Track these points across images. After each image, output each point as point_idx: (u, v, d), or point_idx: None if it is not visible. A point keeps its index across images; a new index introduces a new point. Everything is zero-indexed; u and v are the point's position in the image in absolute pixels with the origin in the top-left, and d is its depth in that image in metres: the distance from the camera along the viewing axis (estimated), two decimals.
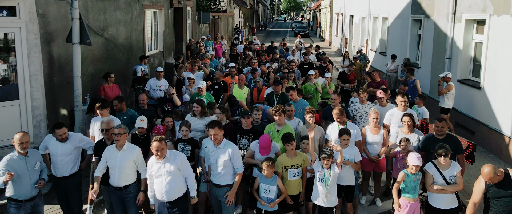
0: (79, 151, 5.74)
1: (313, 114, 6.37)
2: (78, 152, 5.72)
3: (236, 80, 9.67)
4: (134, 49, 11.86)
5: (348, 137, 5.75)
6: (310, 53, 15.23)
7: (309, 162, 5.52)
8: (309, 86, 9.85)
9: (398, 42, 15.37)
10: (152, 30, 13.99)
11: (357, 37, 22.98)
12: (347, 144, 5.76)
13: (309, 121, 6.38)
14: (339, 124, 6.36)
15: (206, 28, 23.30)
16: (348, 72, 11.40)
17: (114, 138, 5.16)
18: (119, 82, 10.76)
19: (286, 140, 5.45)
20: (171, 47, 16.09)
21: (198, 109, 6.75)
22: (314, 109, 6.51)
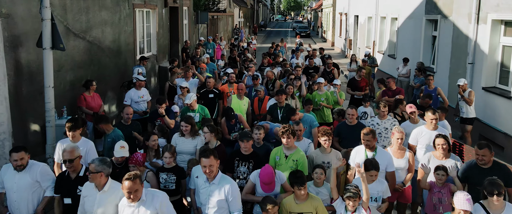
0: (41, 189, 4.64)
1: (329, 137, 5.27)
2: (40, 189, 4.62)
3: (234, 89, 8.59)
4: (123, 53, 10.78)
5: (376, 173, 4.66)
6: (315, 56, 14.15)
7: (324, 211, 4.40)
8: (317, 95, 8.77)
9: (410, 44, 14.28)
10: (144, 31, 12.90)
11: (363, 38, 21.89)
12: (374, 179, 4.67)
13: (325, 146, 5.28)
14: (367, 149, 5.21)
15: (204, 28, 22.22)
16: (358, 78, 10.31)
17: (88, 176, 4.07)
18: (106, 90, 9.68)
19: (298, 182, 4.30)
20: (166, 50, 15.01)
21: (187, 129, 5.66)
22: (329, 130, 5.39)
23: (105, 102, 9.70)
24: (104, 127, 5.96)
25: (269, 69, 12.13)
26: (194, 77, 9.65)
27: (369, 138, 5.08)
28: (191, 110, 7.30)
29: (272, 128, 6.61)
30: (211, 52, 18.22)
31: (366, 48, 20.81)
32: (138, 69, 10.67)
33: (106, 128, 5.97)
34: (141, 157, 4.86)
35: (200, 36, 19.77)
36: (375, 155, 5.08)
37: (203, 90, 8.68)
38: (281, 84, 9.63)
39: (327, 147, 5.28)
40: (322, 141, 5.26)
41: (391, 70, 16.05)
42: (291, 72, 9.75)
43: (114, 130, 6.00)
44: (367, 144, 5.13)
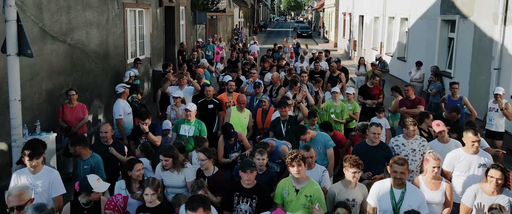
0: None
1: (359, 170, 4.20)
2: None
3: (234, 99, 7.62)
4: (111, 57, 9.79)
5: None
6: (321, 59, 13.17)
7: None
8: (332, 105, 7.79)
9: (422, 46, 13.30)
10: (136, 33, 11.92)
11: (368, 39, 20.91)
12: None
13: (353, 180, 4.25)
14: (395, 186, 4.15)
15: (202, 29, 21.24)
16: (370, 85, 9.31)
17: None
18: (92, 98, 8.71)
19: None
20: (161, 52, 14.02)
21: (167, 163, 4.59)
22: (359, 160, 4.24)
23: (92, 112, 8.73)
24: (81, 152, 4.96)
25: (269, 74, 11.20)
26: (189, 84, 8.66)
27: (403, 170, 4.05)
28: (187, 122, 6.32)
29: (278, 146, 5.65)
30: (210, 54, 17.25)
31: (372, 49, 19.85)
32: (130, 72, 9.71)
33: (83, 153, 4.97)
34: (122, 201, 3.83)
35: (198, 37, 18.79)
36: (404, 193, 4.09)
37: (201, 100, 7.69)
38: (286, 91, 8.64)
39: (355, 181, 4.27)
40: (350, 174, 4.20)
41: (400, 73, 15.08)
42: (296, 79, 8.73)
43: (92, 155, 5.01)
44: (397, 178, 4.10)
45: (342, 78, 10.96)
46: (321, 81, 9.60)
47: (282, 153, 5.48)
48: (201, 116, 7.64)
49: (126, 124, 7.27)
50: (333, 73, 11.07)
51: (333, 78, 10.89)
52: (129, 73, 9.67)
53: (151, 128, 6.06)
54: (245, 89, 8.48)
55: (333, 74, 11.02)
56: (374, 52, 19.51)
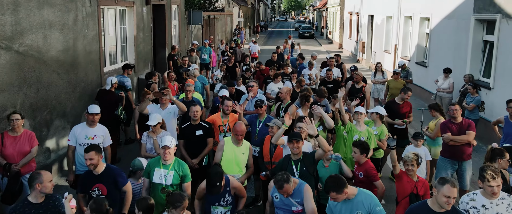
0: None
1: None
2: None
3: (230, 122, 5.88)
4: (80, 65, 8.02)
5: None
6: (332, 66, 11.39)
7: None
8: (355, 131, 6.03)
9: (449, 50, 11.53)
10: (117, 35, 10.15)
11: (379, 41, 19.14)
12: None
13: None
14: None
15: (198, 30, 19.47)
16: (399, 102, 7.51)
17: None
18: (51, 119, 6.95)
19: None
20: (148, 57, 12.24)
21: None
22: None
23: (52, 136, 6.97)
24: None
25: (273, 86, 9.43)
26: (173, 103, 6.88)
27: None
28: (163, 165, 4.55)
29: (301, 184, 4.01)
30: (207, 58, 15.47)
31: (384, 52, 18.08)
32: (112, 78, 7.97)
33: None
34: None
35: (193, 40, 17.01)
36: None
37: (186, 125, 5.93)
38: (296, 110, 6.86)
39: None
40: None
41: (420, 80, 13.30)
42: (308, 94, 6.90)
43: None
44: None
45: (366, 92, 9.12)
46: (325, 93, 7.81)
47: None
48: (186, 146, 5.88)
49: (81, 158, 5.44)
50: (356, 83, 9.21)
51: (355, 91, 9.05)
52: (110, 79, 7.98)
53: (113, 175, 4.31)
54: (244, 107, 6.67)
55: (356, 86, 9.17)
56: (386, 55, 17.77)
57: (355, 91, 8.92)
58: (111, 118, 7.80)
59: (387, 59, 17.52)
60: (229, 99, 6.28)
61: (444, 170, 6.27)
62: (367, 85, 9.17)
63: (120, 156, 7.98)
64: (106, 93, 7.97)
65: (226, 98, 6.40)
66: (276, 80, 9.67)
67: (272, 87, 9.63)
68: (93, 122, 5.47)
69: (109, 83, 7.96)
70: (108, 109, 7.74)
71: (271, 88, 9.63)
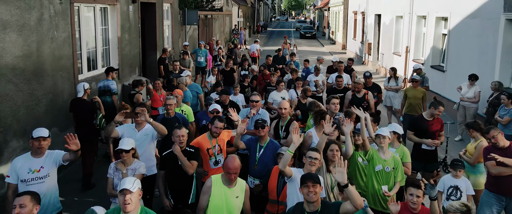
0: None
1: None
2: None
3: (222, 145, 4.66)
4: (48, 74, 6.77)
5: None
6: (341, 71, 10.13)
7: None
8: (377, 157, 4.80)
9: (472, 54, 10.28)
10: (97, 37, 8.90)
11: (388, 42, 17.89)
12: None
13: None
14: None
15: (194, 31, 18.21)
16: (428, 118, 6.21)
17: None
18: (6, 139, 5.68)
19: None
20: (136, 61, 10.99)
21: None
22: None
23: (7, 162, 5.71)
24: None
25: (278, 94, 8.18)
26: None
27: None
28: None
29: None
30: (203, 61, 14.21)
31: (394, 55, 16.83)
32: (84, 84, 6.80)
33: None
34: None
35: (186, 41, 15.75)
36: None
37: (169, 152, 4.68)
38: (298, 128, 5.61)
39: None
40: None
41: (437, 86, 12.04)
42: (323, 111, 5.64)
43: None
44: None
45: (369, 100, 7.82)
46: (354, 114, 6.58)
47: None
48: (169, 180, 4.64)
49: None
50: (357, 92, 7.94)
51: (357, 101, 7.76)
52: (82, 86, 6.91)
53: None
54: (243, 128, 5.25)
55: (357, 95, 7.90)
56: (396, 58, 16.52)
57: (357, 102, 7.64)
58: (89, 129, 6.77)
59: (397, 62, 16.25)
60: (221, 120, 5.02)
61: (489, 207, 5.03)
62: (369, 93, 7.88)
63: (98, 178, 6.72)
64: (79, 102, 6.85)
65: (217, 117, 5.13)
66: (279, 87, 8.41)
67: (274, 96, 8.38)
68: (40, 149, 4.19)
69: (82, 90, 6.86)
70: (85, 120, 6.80)
71: (274, 97, 8.38)
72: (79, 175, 6.88)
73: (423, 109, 8.77)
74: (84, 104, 6.85)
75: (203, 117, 6.51)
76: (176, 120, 5.90)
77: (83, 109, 6.83)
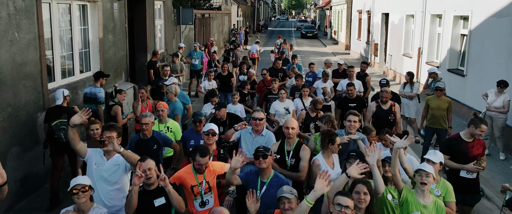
0: None
1: None
2: None
3: (211, 181, 3.58)
4: (6, 83, 5.63)
5: None
6: (352, 77, 8.99)
7: None
8: (415, 202, 3.68)
9: (499, 57, 9.14)
10: (74, 38, 7.76)
11: (396, 43, 16.76)
12: None
13: None
14: None
15: (190, 31, 17.06)
16: (467, 139, 5.01)
17: None
18: None
19: None
20: (122, 65, 9.85)
21: None
22: None
23: None
24: None
25: (281, 105, 7.07)
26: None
27: None
28: None
29: None
30: (198, 64, 13.07)
31: (403, 56, 15.70)
32: (64, 90, 5.78)
33: None
34: None
35: (181, 42, 14.61)
36: None
37: (141, 190, 3.56)
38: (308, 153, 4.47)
39: None
40: None
41: (454, 92, 10.91)
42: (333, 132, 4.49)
43: None
44: None
45: (396, 113, 6.66)
46: (373, 131, 5.46)
47: None
48: None
49: None
50: (383, 103, 6.77)
51: (384, 115, 6.66)
52: (61, 92, 6.03)
53: None
54: (240, 162, 4.05)
55: (383, 106, 6.74)
56: (406, 60, 15.40)
57: (383, 115, 6.51)
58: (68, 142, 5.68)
59: (408, 64, 15.15)
60: (203, 154, 3.83)
61: None
62: (396, 105, 6.76)
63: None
64: (59, 111, 5.85)
65: (198, 150, 3.90)
66: (281, 96, 7.27)
67: (277, 107, 7.27)
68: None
69: (61, 97, 5.97)
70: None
71: (276, 108, 7.27)
72: None
73: (448, 122, 7.65)
74: (63, 111, 5.83)
75: (191, 137, 5.38)
76: (154, 141, 4.79)
77: (54, 114, 5.81)
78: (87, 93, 7.09)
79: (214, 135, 4.52)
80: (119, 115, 6.61)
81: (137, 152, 4.10)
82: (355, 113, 5.10)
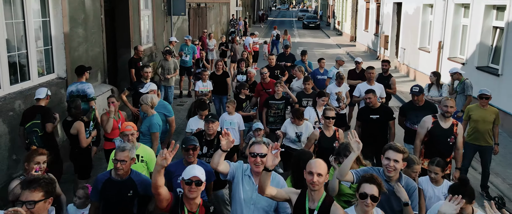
0: None
1: None
2: None
3: None
4: None
5: None
6: (373, 80, 7.44)
7: None
8: None
9: None
10: (29, 34, 6.23)
11: (411, 36, 15.19)
12: None
13: None
14: None
15: (184, 22, 15.47)
16: None
17: None
18: None
19: None
20: (98, 65, 8.32)
21: None
22: None
23: None
24: None
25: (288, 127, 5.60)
26: None
27: None
28: None
29: None
30: (189, 61, 11.54)
31: (419, 50, 14.15)
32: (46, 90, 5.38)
33: None
34: None
35: (173, 36, 13.04)
36: None
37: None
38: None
39: None
40: None
41: None
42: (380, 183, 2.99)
43: None
44: None
45: (458, 134, 4.99)
46: (418, 165, 3.96)
47: None
48: None
49: None
50: (442, 119, 5.10)
51: (443, 135, 5.00)
52: (46, 90, 5.40)
53: None
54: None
55: (442, 124, 5.03)
56: (422, 55, 13.88)
57: (441, 135, 5.00)
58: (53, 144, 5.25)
59: (424, 60, 13.63)
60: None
61: None
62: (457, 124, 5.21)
63: None
64: (32, 111, 5.23)
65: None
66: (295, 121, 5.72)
67: (288, 130, 5.76)
68: None
69: (43, 94, 5.32)
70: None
71: (287, 131, 5.76)
72: None
73: (494, 138, 6.14)
74: (37, 111, 5.17)
75: (179, 171, 3.84)
76: (130, 185, 3.40)
77: (45, 119, 5.14)
78: (73, 91, 6.11)
79: (199, 184, 3.06)
80: (82, 133, 5.11)
81: (105, 199, 3.33)
82: (398, 148, 3.38)
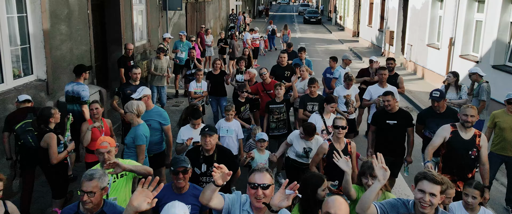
0: None
1: None
2: None
3: None
4: None
5: None
6: (385, 81, 6.75)
7: None
8: None
9: None
10: (2, 31, 5.56)
11: (419, 31, 14.49)
12: None
13: None
14: None
15: (181, 17, 14.76)
16: None
17: None
18: None
19: None
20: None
21: None
22: None
23: None
24: None
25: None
26: None
27: None
28: None
29: None
30: (184, 58, 10.83)
31: (428, 47, 13.47)
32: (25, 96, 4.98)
33: None
34: None
35: (168, 32, 12.34)
36: None
37: None
38: None
39: None
40: None
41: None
42: None
43: None
44: None
45: (481, 147, 4.31)
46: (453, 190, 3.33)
47: None
48: None
49: None
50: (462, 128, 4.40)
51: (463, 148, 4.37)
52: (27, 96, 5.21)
53: None
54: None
55: (463, 135, 4.30)
56: (431, 51, 13.21)
57: (461, 147, 4.35)
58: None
59: (433, 57, 12.96)
60: None
61: None
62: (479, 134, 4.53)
63: None
64: (21, 112, 4.99)
65: None
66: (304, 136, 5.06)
67: (295, 144, 5.11)
68: None
69: (28, 97, 5.24)
70: None
71: (294, 145, 5.12)
72: None
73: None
74: (28, 112, 4.94)
75: (165, 198, 3.12)
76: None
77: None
78: (68, 91, 5.91)
79: None
80: (52, 147, 4.43)
81: None
82: (435, 178, 2.62)
